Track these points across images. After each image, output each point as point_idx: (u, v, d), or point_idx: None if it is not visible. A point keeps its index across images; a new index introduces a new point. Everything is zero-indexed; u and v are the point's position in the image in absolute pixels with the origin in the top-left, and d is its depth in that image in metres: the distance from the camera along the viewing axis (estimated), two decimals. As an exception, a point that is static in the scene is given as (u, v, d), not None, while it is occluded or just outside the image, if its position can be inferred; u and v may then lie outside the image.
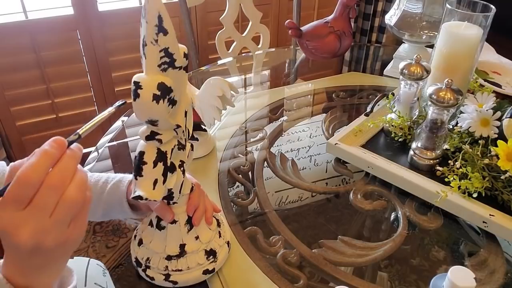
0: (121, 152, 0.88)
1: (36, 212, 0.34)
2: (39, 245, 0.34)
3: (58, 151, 0.35)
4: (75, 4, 1.59)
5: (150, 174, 0.47)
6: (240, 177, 0.80)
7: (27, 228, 0.33)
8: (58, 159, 0.35)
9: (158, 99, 0.43)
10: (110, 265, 0.62)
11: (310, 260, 0.63)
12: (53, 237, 0.35)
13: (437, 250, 0.66)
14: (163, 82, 0.43)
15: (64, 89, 1.72)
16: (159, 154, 0.48)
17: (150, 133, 0.47)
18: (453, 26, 0.78)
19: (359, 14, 2.14)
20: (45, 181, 0.34)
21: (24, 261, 0.36)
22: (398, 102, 0.85)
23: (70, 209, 0.35)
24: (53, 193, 0.34)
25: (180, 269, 0.56)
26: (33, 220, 0.33)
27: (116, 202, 0.58)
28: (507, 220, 0.65)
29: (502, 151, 0.66)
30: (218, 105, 0.79)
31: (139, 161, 0.47)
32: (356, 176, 0.80)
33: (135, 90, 0.42)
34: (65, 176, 0.35)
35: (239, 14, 1.43)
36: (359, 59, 1.34)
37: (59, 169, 0.35)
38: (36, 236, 0.34)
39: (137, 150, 0.48)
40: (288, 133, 0.93)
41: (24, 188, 0.33)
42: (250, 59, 1.36)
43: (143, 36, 0.42)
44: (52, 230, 0.34)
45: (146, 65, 0.43)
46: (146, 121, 0.45)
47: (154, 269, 0.57)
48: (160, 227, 0.56)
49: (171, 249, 0.56)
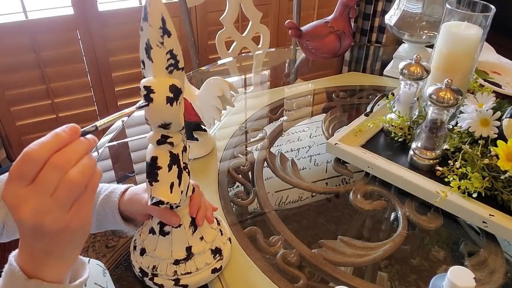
0: (121, 152, 0.88)
1: (37, 190, 0.33)
2: (40, 225, 0.34)
3: (69, 136, 0.35)
4: (75, 4, 1.59)
5: (166, 178, 0.47)
6: (240, 177, 0.80)
7: (28, 205, 0.33)
8: (67, 143, 0.35)
9: (172, 101, 0.43)
10: (110, 265, 0.62)
11: (310, 260, 0.63)
12: (53, 218, 0.34)
13: (437, 250, 0.66)
14: (174, 84, 0.43)
15: (64, 89, 1.72)
16: (172, 157, 0.47)
17: (161, 137, 0.46)
18: (453, 26, 0.78)
19: (359, 14, 2.14)
20: (49, 160, 0.33)
21: (31, 244, 0.36)
22: (398, 102, 0.85)
23: (71, 190, 0.35)
24: (55, 172, 0.34)
25: (189, 271, 0.56)
26: (34, 198, 0.34)
27: (109, 214, 0.58)
28: (507, 220, 0.65)
29: (502, 151, 0.66)
30: (218, 105, 0.79)
31: (153, 167, 0.46)
32: (356, 176, 0.80)
33: (147, 95, 0.42)
34: (70, 157, 0.34)
35: (239, 14, 1.43)
36: (359, 59, 1.34)
37: (65, 150, 0.34)
38: (36, 215, 0.34)
39: (147, 156, 0.47)
40: (288, 133, 0.93)
41: (28, 164, 0.33)
42: (250, 59, 1.36)
43: (146, 39, 0.41)
44: (52, 210, 0.34)
45: (153, 69, 0.42)
46: (158, 126, 0.45)
47: (162, 276, 0.56)
48: (164, 233, 0.56)
49: (178, 253, 0.56)
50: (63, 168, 0.34)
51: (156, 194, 0.47)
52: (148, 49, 0.42)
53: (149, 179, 0.47)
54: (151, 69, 0.43)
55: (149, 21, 0.40)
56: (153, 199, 0.47)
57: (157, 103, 0.42)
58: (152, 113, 0.44)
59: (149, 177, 0.47)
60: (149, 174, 0.47)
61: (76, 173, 0.34)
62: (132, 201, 0.57)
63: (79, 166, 0.35)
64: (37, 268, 0.37)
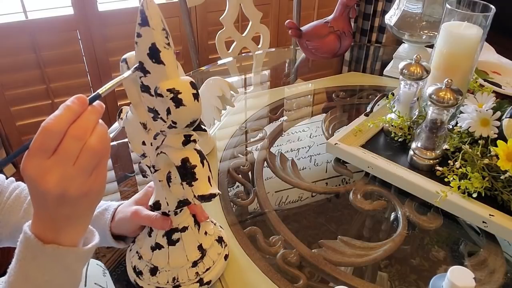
0: (121, 152, 0.88)
1: (60, 160, 0.36)
2: (64, 193, 0.36)
3: (79, 106, 0.37)
4: (75, 4, 1.59)
5: (203, 174, 0.47)
6: (240, 177, 0.80)
7: (53, 176, 0.35)
8: (80, 113, 0.37)
9: (197, 97, 0.43)
10: (110, 265, 0.62)
11: (310, 260, 0.63)
12: (77, 185, 0.37)
13: (437, 250, 0.66)
14: (192, 80, 0.43)
15: (64, 89, 1.72)
16: (199, 153, 0.47)
17: (185, 138, 0.46)
18: (453, 26, 0.78)
19: (359, 14, 2.14)
20: (68, 132, 0.36)
21: (52, 212, 0.38)
22: (398, 102, 0.85)
23: (92, 157, 0.37)
24: (76, 142, 0.36)
25: (208, 267, 0.57)
26: (58, 168, 0.36)
27: (100, 232, 0.57)
28: (506, 220, 0.65)
29: (502, 151, 0.66)
30: (218, 105, 0.79)
31: (187, 168, 0.46)
32: (356, 176, 0.80)
33: (175, 97, 0.41)
34: (87, 127, 0.37)
35: (239, 14, 1.43)
36: (359, 59, 1.34)
37: (81, 121, 0.37)
38: (62, 183, 0.36)
39: (175, 161, 0.46)
40: (288, 133, 0.93)
41: (48, 137, 0.35)
42: (250, 59, 1.36)
43: (149, 44, 0.41)
44: (76, 177, 0.36)
45: (167, 71, 0.42)
46: (186, 125, 0.44)
47: (185, 282, 0.55)
48: (173, 242, 0.55)
49: (193, 255, 0.56)
50: (82, 138, 0.36)
51: (201, 192, 0.46)
52: (156, 53, 0.41)
53: (187, 180, 0.46)
54: (164, 72, 0.42)
55: (151, 25, 0.40)
56: (198, 198, 0.46)
57: (187, 103, 0.42)
58: (183, 114, 0.43)
59: (187, 179, 0.46)
60: (185, 176, 0.46)
61: (95, 141, 0.37)
62: (122, 221, 0.57)
63: (96, 134, 0.37)
64: (54, 234, 0.39)
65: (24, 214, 0.56)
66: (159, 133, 0.47)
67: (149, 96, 0.44)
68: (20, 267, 0.39)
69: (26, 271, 0.39)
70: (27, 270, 0.39)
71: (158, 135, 0.47)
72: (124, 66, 0.46)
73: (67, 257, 0.40)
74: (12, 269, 0.39)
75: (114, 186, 0.78)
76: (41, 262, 0.39)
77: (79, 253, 0.41)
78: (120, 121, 0.52)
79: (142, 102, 0.46)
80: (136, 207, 0.56)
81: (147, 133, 0.49)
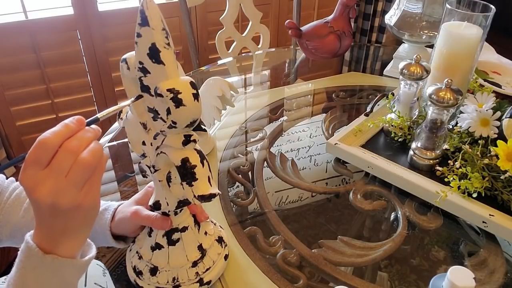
0: (121, 152, 0.88)
1: (53, 172, 0.37)
2: (56, 204, 0.37)
3: (77, 126, 0.39)
4: (75, 4, 1.59)
5: (203, 174, 0.47)
6: (240, 177, 0.80)
7: (45, 186, 0.37)
8: (76, 132, 0.39)
9: (197, 97, 0.43)
10: (110, 265, 0.62)
11: (310, 260, 0.63)
12: (69, 197, 0.38)
13: (437, 250, 0.66)
14: (192, 80, 0.43)
15: (64, 89, 1.72)
16: (199, 153, 0.47)
17: (184, 138, 0.46)
18: (453, 26, 0.78)
19: (359, 14, 2.14)
20: (62, 146, 0.37)
21: (48, 223, 0.39)
22: (398, 102, 0.85)
23: (84, 171, 0.38)
24: (69, 156, 0.37)
25: (208, 267, 0.57)
26: (50, 179, 0.37)
27: (99, 232, 0.58)
28: (506, 220, 0.65)
29: (502, 151, 0.66)
30: (218, 105, 0.79)
31: (187, 168, 0.46)
32: (356, 176, 0.80)
33: (175, 98, 0.41)
34: (81, 143, 0.38)
35: (239, 14, 1.43)
36: (359, 59, 1.34)
37: (76, 137, 0.38)
38: (53, 194, 0.37)
39: (175, 161, 0.46)
40: (288, 133, 0.93)
41: (43, 150, 0.37)
42: (250, 59, 1.36)
43: (149, 44, 0.41)
44: (67, 189, 0.37)
45: (167, 71, 0.42)
46: (186, 126, 0.44)
47: (185, 282, 0.56)
48: (173, 242, 0.55)
49: (193, 255, 0.56)
50: (76, 152, 0.38)
51: (201, 192, 0.46)
52: (156, 53, 0.41)
53: (187, 180, 0.46)
54: (164, 72, 0.42)
55: (151, 25, 0.40)
56: (198, 198, 0.46)
57: (187, 103, 0.42)
58: (183, 114, 0.43)
59: (187, 179, 0.46)
60: (185, 176, 0.46)
61: (87, 155, 0.38)
62: (122, 221, 0.57)
63: (89, 149, 0.38)
64: (53, 246, 0.40)
65: (24, 213, 0.56)
66: (159, 133, 0.47)
67: (149, 96, 0.44)
68: (19, 276, 0.40)
69: (25, 281, 0.40)
70: (25, 280, 0.40)
71: (158, 135, 0.47)
72: (124, 66, 0.46)
73: (64, 268, 0.41)
74: (11, 277, 0.40)
75: (114, 186, 0.78)
76: (40, 272, 0.40)
77: (76, 265, 0.42)
78: (120, 121, 0.52)
79: (142, 102, 0.46)
80: (136, 207, 0.56)
81: (147, 133, 0.49)
